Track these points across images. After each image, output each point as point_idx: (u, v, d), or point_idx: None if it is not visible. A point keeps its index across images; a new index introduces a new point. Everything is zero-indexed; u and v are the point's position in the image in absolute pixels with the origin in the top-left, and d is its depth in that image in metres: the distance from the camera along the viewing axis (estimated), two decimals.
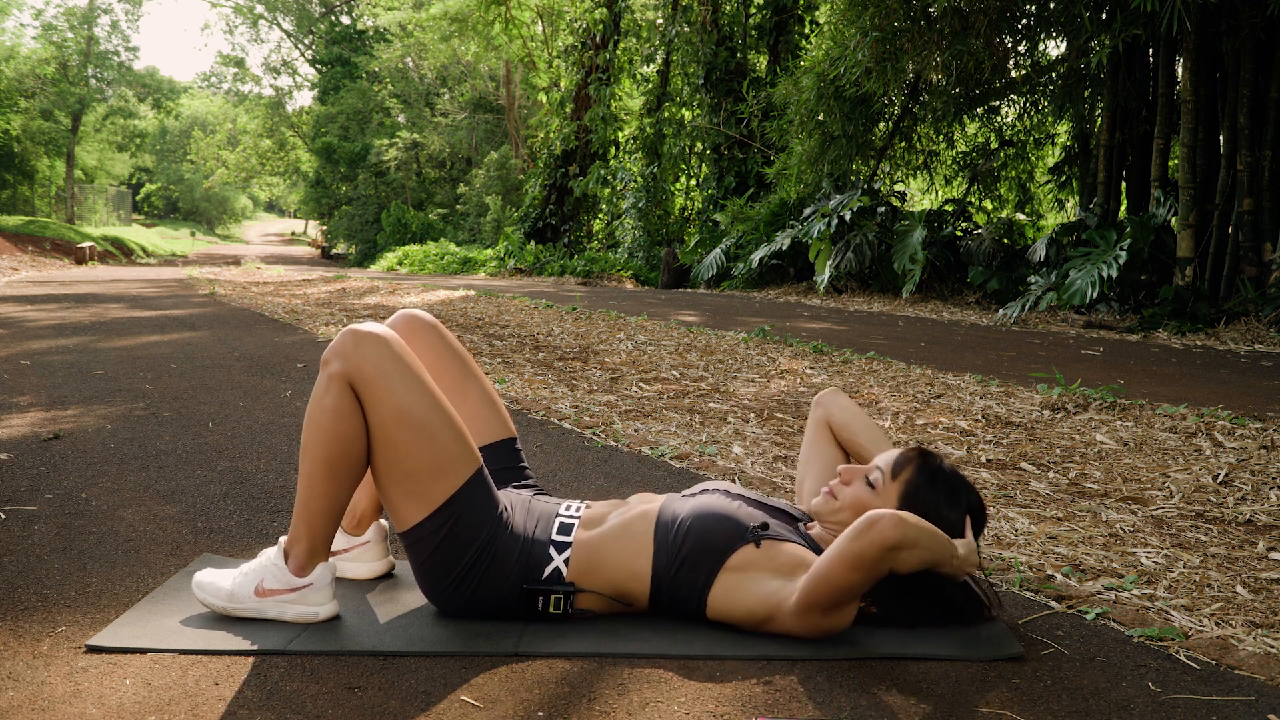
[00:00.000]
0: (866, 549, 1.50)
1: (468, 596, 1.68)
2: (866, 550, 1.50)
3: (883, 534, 1.49)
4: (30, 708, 1.36)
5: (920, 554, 1.53)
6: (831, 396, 2.03)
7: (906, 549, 1.51)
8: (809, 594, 1.56)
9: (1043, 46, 10.50)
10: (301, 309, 7.97)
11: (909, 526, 1.51)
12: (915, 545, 1.52)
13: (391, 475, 1.66)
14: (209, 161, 42.91)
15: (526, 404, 3.82)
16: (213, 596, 1.69)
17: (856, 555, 1.51)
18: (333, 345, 1.68)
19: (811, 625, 1.59)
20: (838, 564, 1.52)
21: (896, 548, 1.50)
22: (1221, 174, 7.42)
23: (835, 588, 1.54)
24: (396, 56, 31.49)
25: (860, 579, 1.52)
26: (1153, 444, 3.09)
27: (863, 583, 1.53)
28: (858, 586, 1.54)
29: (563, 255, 16.54)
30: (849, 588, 1.53)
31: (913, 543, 1.51)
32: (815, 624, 1.59)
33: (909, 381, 4.37)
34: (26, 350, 5.27)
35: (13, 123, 28.83)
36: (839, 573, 1.52)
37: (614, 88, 16.82)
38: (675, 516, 1.70)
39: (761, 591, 1.62)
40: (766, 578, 1.62)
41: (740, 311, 8.48)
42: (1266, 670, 1.53)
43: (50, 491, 2.49)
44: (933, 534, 1.56)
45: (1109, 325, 7.24)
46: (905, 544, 1.50)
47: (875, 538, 1.49)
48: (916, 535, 1.52)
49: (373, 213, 30.13)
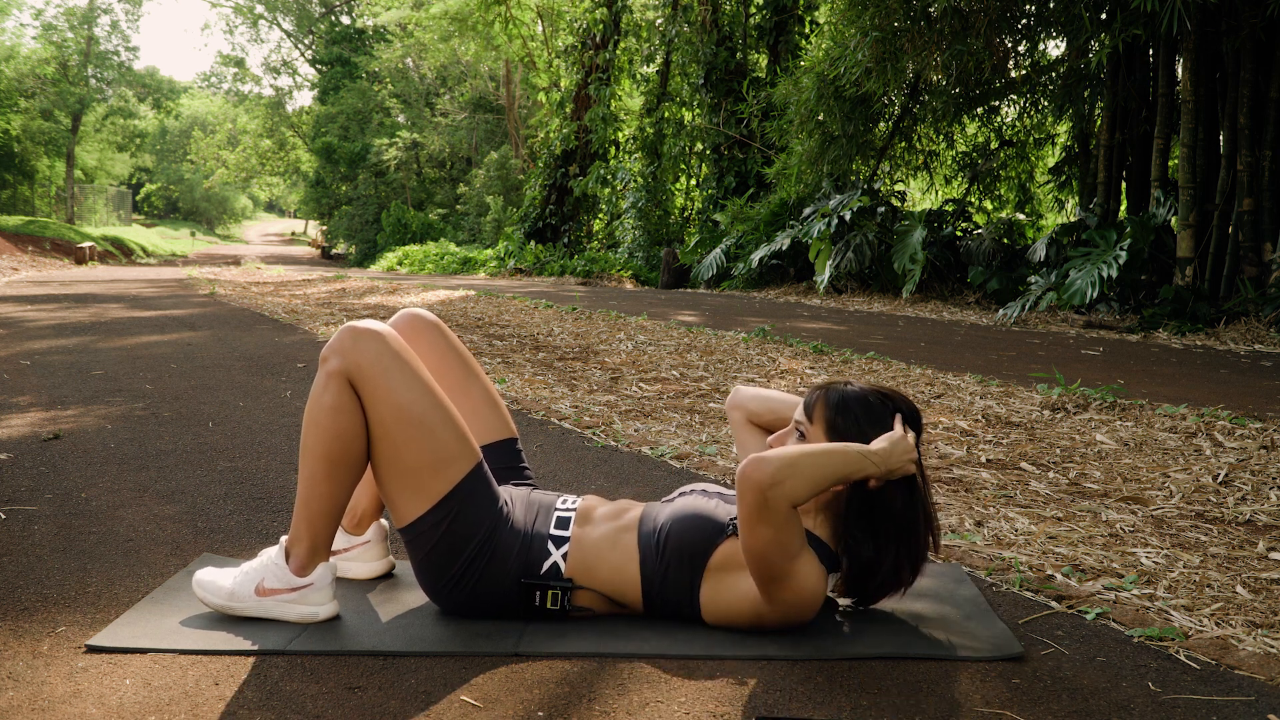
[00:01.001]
0: (750, 500, 1.50)
1: (468, 592, 1.68)
2: (751, 501, 1.50)
3: (752, 479, 1.49)
4: (30, 708, 1.36)
5: (809, 474, 1.52)
6: (737, 396, 2.00)
7: (785, 479, 1.49)
8: (753, 573, 1.57)
9: (1043, 46, 10.50)
10: (301, 309, 7.97)
11: (769, 459, 1.50)
12: (794, 470, 1.50)
13: (391, 471, 1.66)
14: (209, 161, 42.91)
15: (526, 404, 3.82)
16: (213, 595, 1.69)
17: (746, 512, 1.51)
18: (331, 342, 1.68)
19: (783, 604, 1.58)
20: (743, 530, 1.53)
21: (772, 484, 1.49)
22: (1221, 174, 7.42)
23: (757, 551, 1.53)
24: (396, 56, 31.49)
25: (770, 532, 1.51)
26: (1153, 444, 3.09)
27: (777, 534, 1.51)
28: (776, 539, 1.52)
29: (563, 255, 16.53)
30: (768, 546, 1.52)
31: (786, 470, 1.50)
32: (784, 602, 1.58)
33: (909, 381, 4.37)
34: (26, 350, 5.27)
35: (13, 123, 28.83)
36: (749, 536, 1.53)
37: (614, 88, 16.82)
38: (655, 523, 1.69)
39: (745, 588, 1.62)
40: (747, 574, 1.62)
41: (740, 311, 8.48)
42: (1266, 670, 1.53)
43: (50, 491, 2.49)
44: (809, 451, 1.55)
45: (1109, 325, 7.24)
46: (780, 476, 1.49)
47: (745, 486, 1.50)
48: (782, 462, 1.51)
49: (373, 213, 30.13)
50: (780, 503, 1.50)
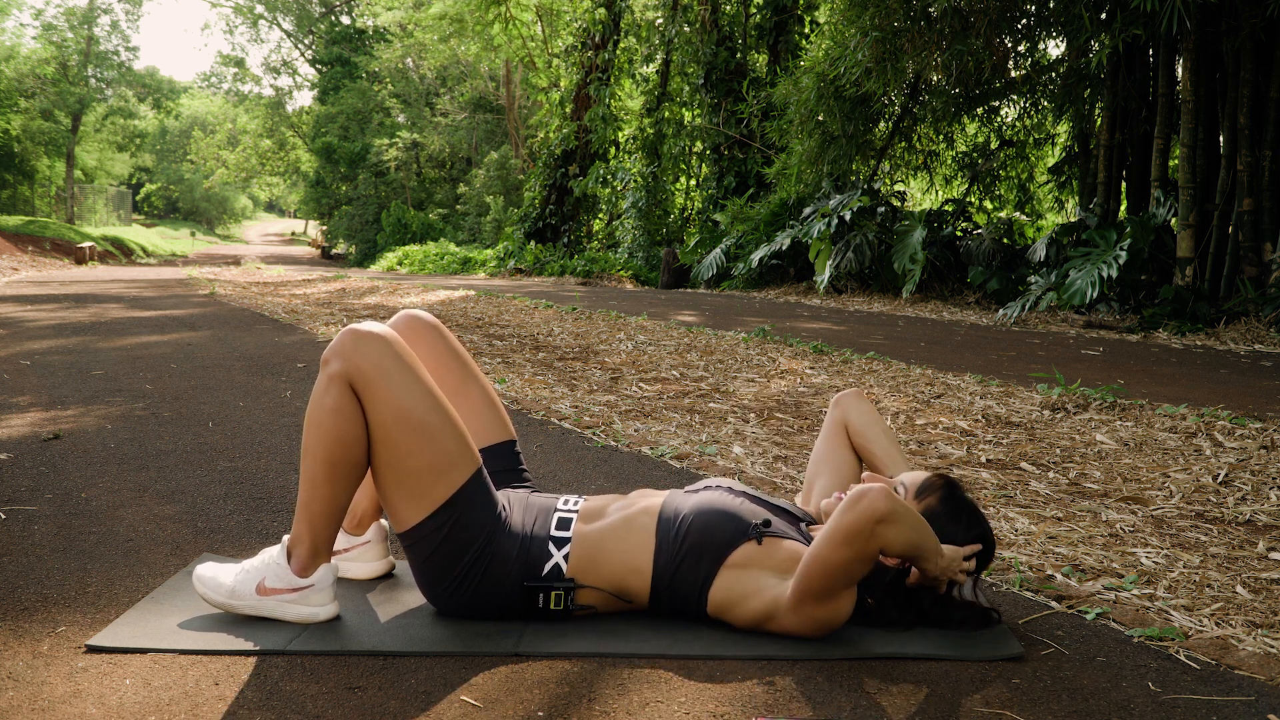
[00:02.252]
0: (855, 520, 1.50)
1: (468, 596, 1.68)
2: (855, 521, 1.50)
3: (872, 504, 1.50)
4: (30, 708, 1.36)
5: (906, 534, 1.54)
6: (852, 399, 2.01)
7: (893, 524, 1.51)
8: (803, 579, 1.56)
9: (1043, 46, 10.50)
10: (301, 309, 7.97)
11: (896, 500, 1.52)
12: (901, 522, 1.52)
13: (391, 475, 1.66)
14: (209, 161, 42.89)
15: (526, 404, 3.82)
16: (213, 592, 1.69)
17: (846, 527, 1.51)
18: (332, 345, 1.67)
19: (808, 618, 1.59)
20: (828, 541, 1.53)
21: (884, 521, 1.50)
22: (1221, 174, 7.42)
23: (827, 567, 1.54)
24: (396, 56, 31.48)
25: (851, 555, 1.52)
26: (1153, 444, 3.09)
27: (853, 560, 1.53)
28: (849, 565, 1.53)
29: (563, 255, 16.53)
30: (841, 565, 1.53)
31: (900, 518, 1.52)
32: (812, 616, 1.58)
33: (909, 381, 4.37)
34: (26, 350, 5.27)
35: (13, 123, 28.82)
36: (830, 550, 1.53)
37: (614, 88, 16.80)
38: (678, 512, 1.69)
39: (760, 589, 1.62)
40: (766, 575, 1.62)
41: (740, 311, 8.48)
42: (1266, 670, 1.53)
43: (50, 491, 2.49)
44: (920, 520, 1.57)
45: (1109, 325, 7.24)
46: (893, 518, 1.51)
47: (864, 508, 1.50)
48: (904, 510, 1.53)
49: (373, 213, 30.12)
50: (878, 540, 1.52)
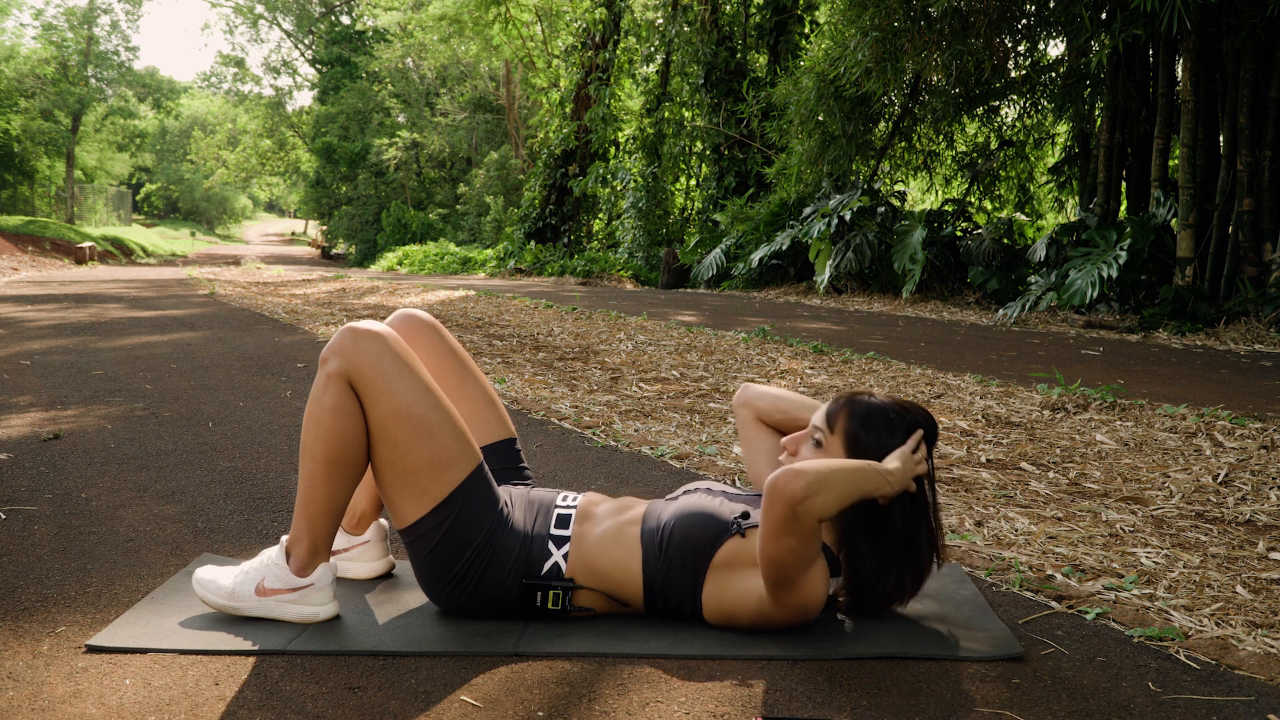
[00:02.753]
0: (777, 511, 1.50)
1: (468, 593, 1.68)
2: (778, 513, 1.50)
3: (783, 492, 1.49)
4: (30, 708, 1.36)
5: (835, 492, 1.52)
6: (746, 393, 1.98)
7: (816, 494, 1.49)
8: (765, 576, 1.57)
9: (1043, 46, 10.50)
10: (301, 309, 7.97)
11: (804, 473, 1.50)
12: (823, 487, 1.50)
13: (391, 473, 1.66)
14: (209, 161, 42.89)
15: (526, 404, 3.82)
16: (213, 594, 1.69)
17: (773, 521, 1.51)
18: (331, 343, 1.68)
19: (789, 607, 1.59)
20: (765, 537, 1.53)
21: (805, 497, 1.49)
22: (1221, 174, 7.42)
23: (778, 560, 1.53)
24: (396, 57, 31.47)
25: (794, 542, 1.51)
26: (1153, 444, 3.09)
27: (798, 544, 1.52)
28: (797, 551, 1.52)
29: (563, 255, 16.53)
30: (789, 553, 1.52)
31: (818, 485, 1.50)
32: (789, 604, 1.58)
33: (909, 381, 4.37)
34: (26, 350, 5.27)
35: (13, 123, 28.82)
36: (771, 544, 1.53)
37: (614, 88, 16.81)
38: (659, 520, 1.69)
39: (749, 590, 1.62)
40: (750, 574, 1.62)
41: (740, 311, 8.48)
42: (1266, 670, 1.53)
43: (50, 491, 2.49)
44: (838, 468, 1.54)
45: (1109, 325, 7.24)
46: (811, 490, 1.49)
47: (778, 497, 1.49)
48: (816, 476, 1.50)
49: (373, 213, 30.13)
50: (809, 517, 1.50)
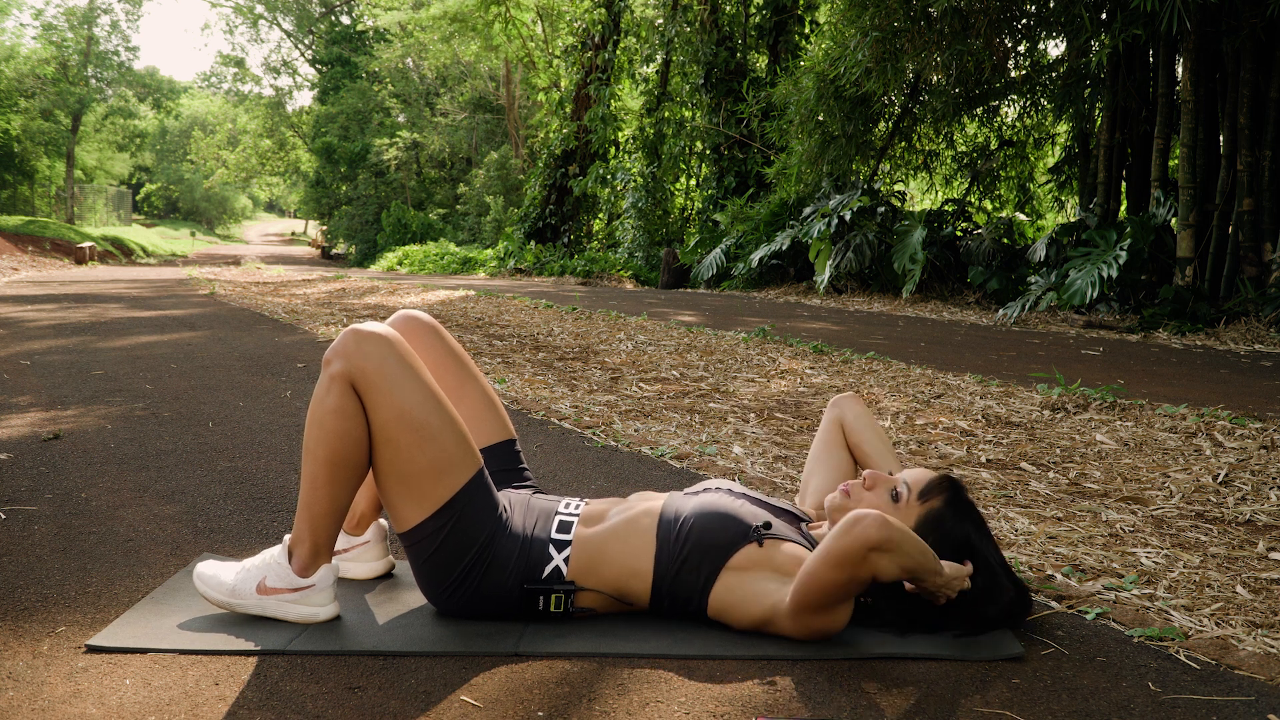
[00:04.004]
0: (850, 546, 1.49)
1: (468, 597, 1.68)
2: (850, 547, 1.49)
3: (865, 532, 1.48)
4: (30, 708, 1.36)
5: (902, 560, 1.52)
6: (848, 401, 2.02)
7: (888, 551, 1.50)
8: (799, 593, 1.56)
9: (1043, 46, 10.51)
10: (301, 309, 7.97)
11: (893, 528, 1.50)
12: (897, 549, 1.51)
13: (392, 476, 1.66)
14: (209, 161, 42.88)
15: (526, 404, 3.82)
16: (214, 590, 1.69)
17: (840, 552, 1.50)
18: (334, 345, 1.67)
19: (805, 627, 1.59)
20: (822, 562, 1.52)
21: (879, 548, 1.49)
22: (1221, 174, 7.42)
23: (821, 586, 1.53)
24: (396, 56, 31.46)
25: (844, 578, 1.52)
26: (1153, 444, 3.09)
27: (847, 582, 1.52)
28: (843, 586, 1.53)
29: (563, 255, 16.53)
30: (834, 586, 1.53)
31: (895, 546, 1.50)
32: (809, 625, 1.59)
33: (909, 381, 4.37)
34: (26, 350, 5.27)
35: (13, 123, 28.81)
36: (823, 570, 1.52)
37: (614, 88, 16.81)
38: (678, 514, 1.69)
39: (760, 592, 1.62)
40: (766, 578, 1.62)
41: (740, 311, 8.48)
42: (1266, 670, 1.53)
43: (50, 491, 2.49)
44: (917, 542, 1.55)
45: (1109, 325, 7.24)
46: (887, 545, 1.49)
47: (859, 535, 1.49)
48: (900, 539, 1.51)
49: (373, 213, 30.13)
50: (872, 566, 1.51)
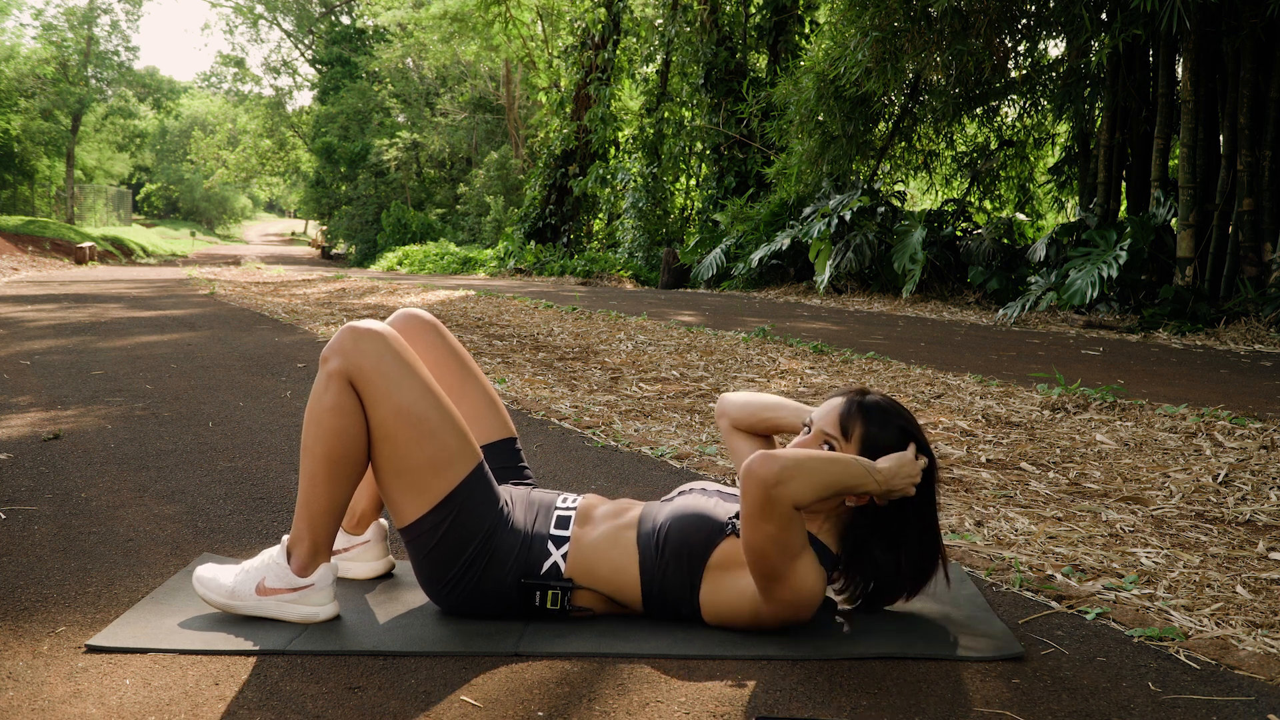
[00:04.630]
0: (752, 494, 1.50)
1: (467, 592, 1.68)
2: (755, 496, 1.50)
3: (757, 475, 1.49)
4: (30, 708, 1.36)
5: (811, 479, 1.52)
6: (722, 403, 1.98)
7: (789, 479, 1.50)
8: (752, 570, 1.57)
9: (1043, 46, 10.50)
10: (301, 309, 7.97)
11: (776, 458, 1.50)
12: (797, 470, 1.50)
13: (391, 471, 1.66)
14: (209, 161, 42.89)
15: (526, 404, 3.82)
16: (213, 592, 1.69)
17: (750, 506, 1.51)
18: (332, 343, 1.68)
19: (781, 603, 1.58)
20: (745, 525, 1.53)
21: (778, 481, 1.49)
22: (1221, 174, 7.42)
23: (759, 549, 1.53)
24: (396, 56, 31.47)
25: (773, 529, 1.51)
26: (1153, 444, 3.09)
27: (778, 532, 1.52)
28: (776, 537, 1.52)
29: (563, 255, 16.53)
30: (769, 540, 1.52)
31: (792, 469, 1.50)
32: (782, 599, 1.58)
33: (909, 381, 4.37)
34: (26, 350, 5.27)
35: (13, 123, 28.81)
36: (750, 532, 1.53)
37: (614, 88, 16.81)
38: (655, 522, 1.69)
39: (743, 587, 1.62)
40: (746, 573, 1.62)
41: (740, 311, 8.48)
42: (1266, 670, 1.53)
43: (50, 491, 2.49)
44: (815, 457, 1.54)
45: (1109, 325, 7.24)
46: (784, 475, 1.49)
47: (753, 481, 1.50)
48: (791, 462, 1.51)
49: (373, 213, 30.12)
50: (783, 501, 1.50)
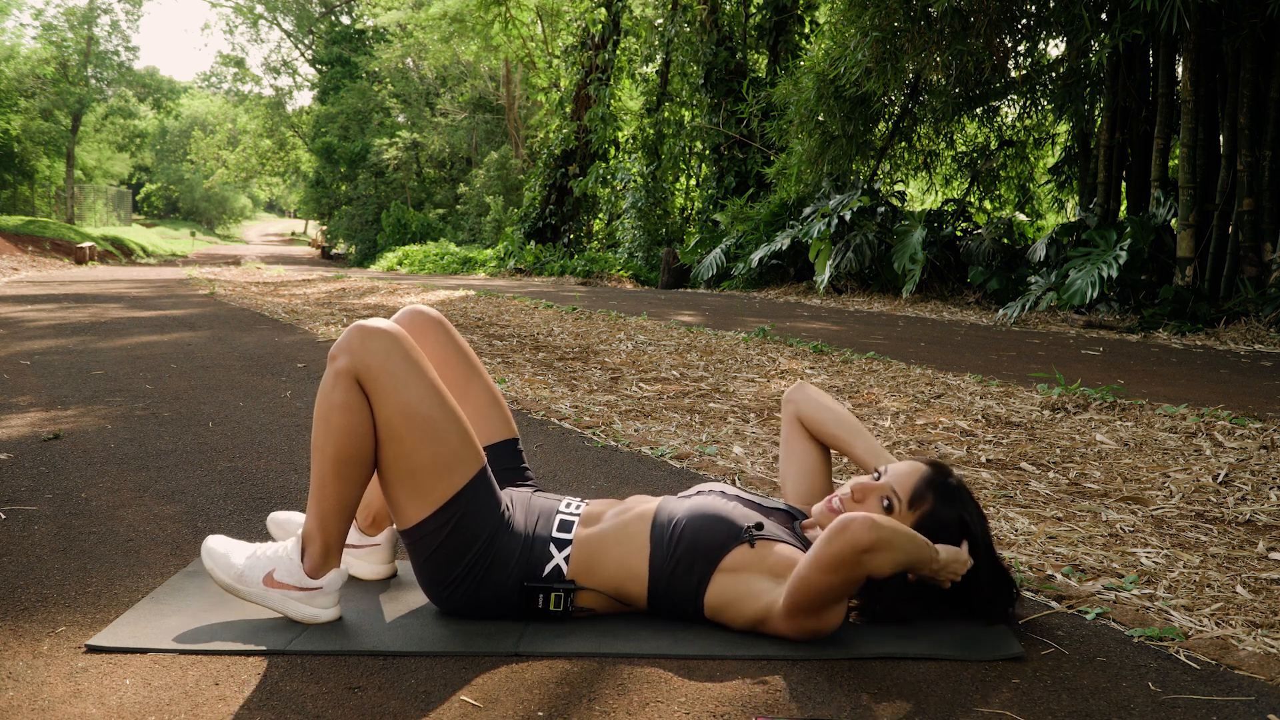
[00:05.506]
0: (841, 551, 1.49)
1: (469, 595, 1.68)
2: (841, 553, 1.49)
3: (855, 537, 1.48)
4: (30, 708, 1.36)
5: (895, 556, 1.53)
6: (799, 391, 1.99)
7: (880, 551, 1.50)
8: (792, 597, 1.56)
9: (1043, 46, 10.50)
10: (301, 309, 7.97)
11: (882, 529, 1.50)
12: (889, 548, 1.51)
13: (396, 472, 1.66)
14: (209, 161, 42.90)
15: (526, 404, 3.82)
16: (221, 569, 1.68)
17: (832, 558, 1.50)
18: (340, 341, 1.68)
19: (799, 628, 1.59)
20: (814, 568, 1.53)
21: (870, 550, 1.49)
22: (1221, 174, 7.42)
23: (814, 591, 1.54)
24: (396, 56, 31.47)
25: (838, 581, 1.52)
26: (1153, 444, 3.09)
27: (841, 585, 1.53)
28: (837, 589, 1.53)
29: (563, 255, 16.53)
30: (828, 590, 1.53)
31: (886, 545, 1.50)
32: (803, 626, 1.59)
33: (909, 381, 4.37)
34: (26, 350, 5.27)
35: (13, 123, 28.80)
36: (816, 576, 1.53)
37: (614, 88, 16.81)
38: (671, 517, 1.70)
39: (754, 593, 1.62)
40: (759, 579, 1.62)
41: (740, 311, 8.48)
42: (1266, 670, 1.53)
43: (50, 491, 2.49)
44: (907, 535, 1.56)
45: (1109, 325, 7.24)
46: (878, 546, 1.49)
47: (849, 540, 1.49)
48: (890, 537, 1.51)
49: (373, 213, 30.12)
50: (866, 568, 1.51)
